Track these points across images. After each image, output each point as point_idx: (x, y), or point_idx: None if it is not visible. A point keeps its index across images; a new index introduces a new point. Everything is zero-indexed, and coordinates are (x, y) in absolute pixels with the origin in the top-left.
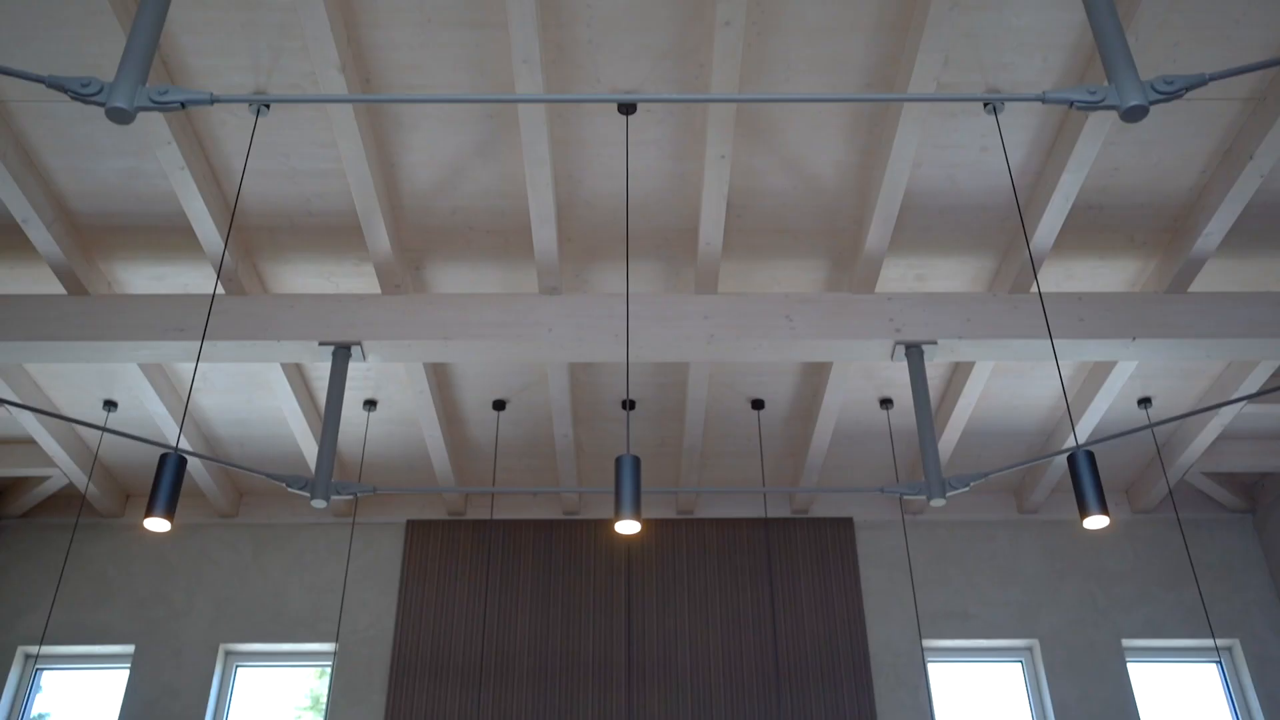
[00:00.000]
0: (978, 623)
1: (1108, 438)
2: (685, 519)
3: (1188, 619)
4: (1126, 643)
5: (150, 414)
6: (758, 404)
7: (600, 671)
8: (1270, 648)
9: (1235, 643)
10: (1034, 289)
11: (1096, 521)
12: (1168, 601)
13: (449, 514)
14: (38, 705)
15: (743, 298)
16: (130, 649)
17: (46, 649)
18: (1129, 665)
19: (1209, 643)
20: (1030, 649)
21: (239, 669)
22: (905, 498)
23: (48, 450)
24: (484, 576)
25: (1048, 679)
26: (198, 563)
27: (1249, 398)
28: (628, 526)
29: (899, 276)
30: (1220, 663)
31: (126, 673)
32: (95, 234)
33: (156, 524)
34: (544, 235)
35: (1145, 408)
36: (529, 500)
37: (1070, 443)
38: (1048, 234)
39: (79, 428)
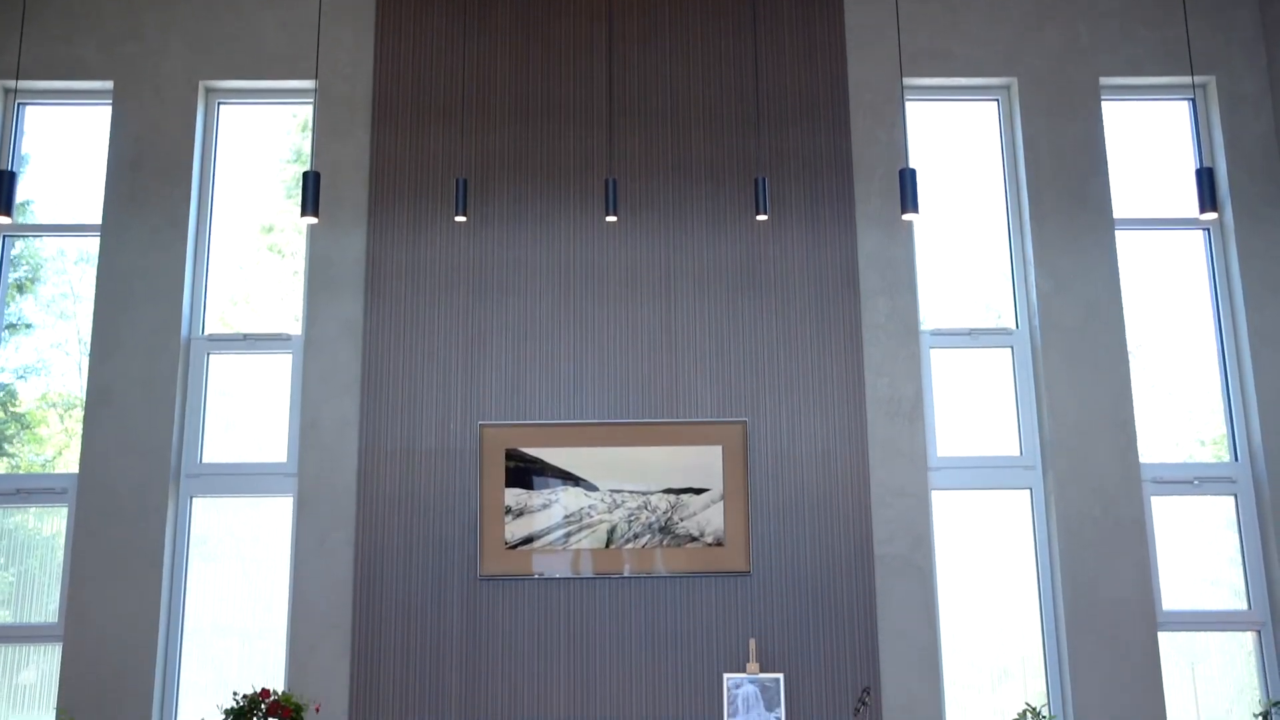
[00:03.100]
0: (958, 61)
1: None
2: None
3: (1168, 58)
4: (1104, 80)
5: None
6: None
7: (580, 112)
8: (1243, 84)
9: (1211, 80)
10: None
11: None
12: (1151, 40)
13: None
14: (24, 146)
15: None
16: (109, 85)
17: (24, 84)
18: (1103, 104)
19: (1186, 80)
20: (1008, 87)
21: (221, 106)
22: None
23: None
24: (461, 17)
25: (1021, 116)
26: None
27: None
28: None
29: None
30: (1193, 99)
31: (109, 109)
32: None
33: None
34: None
35: None
36: None
37: None
38: None
39: None
